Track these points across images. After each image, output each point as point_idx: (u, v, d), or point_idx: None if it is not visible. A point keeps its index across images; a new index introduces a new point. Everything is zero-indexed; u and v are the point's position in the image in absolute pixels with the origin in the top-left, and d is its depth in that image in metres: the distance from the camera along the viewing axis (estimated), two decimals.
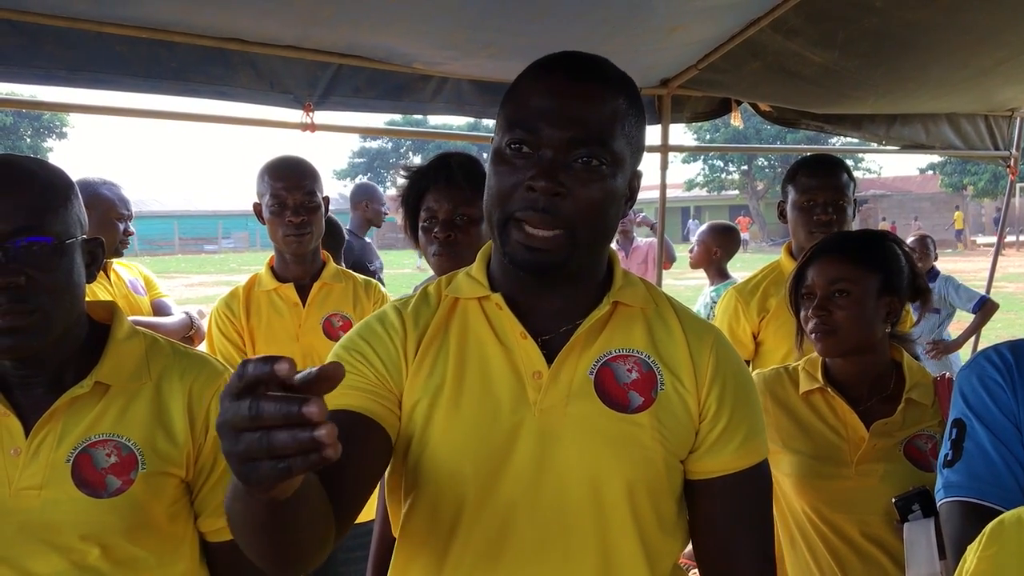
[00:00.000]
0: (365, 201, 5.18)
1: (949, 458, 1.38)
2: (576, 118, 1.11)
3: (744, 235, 37.32)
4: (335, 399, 1.17)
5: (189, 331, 3.07)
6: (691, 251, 5.04)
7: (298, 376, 0.72)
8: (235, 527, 0.97)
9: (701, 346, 1.22)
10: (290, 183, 2.47)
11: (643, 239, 6.28)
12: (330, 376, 0.73)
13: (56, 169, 1.34)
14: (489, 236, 1.21)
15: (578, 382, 1.18)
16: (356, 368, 1.20)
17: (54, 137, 38.43)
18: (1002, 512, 1.23)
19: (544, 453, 1.15)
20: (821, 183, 2.53)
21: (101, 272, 2.99)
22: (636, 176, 1.22)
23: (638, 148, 1.20)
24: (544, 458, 1.15)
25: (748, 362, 2.75)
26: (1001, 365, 1.39)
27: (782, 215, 2.66)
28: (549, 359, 1.18)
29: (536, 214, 1.11)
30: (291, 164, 2.53)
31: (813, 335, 1.85)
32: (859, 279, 1.82)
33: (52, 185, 1.29)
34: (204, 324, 2.91)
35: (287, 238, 2.48)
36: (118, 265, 3.14)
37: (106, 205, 2.96)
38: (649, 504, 1.17)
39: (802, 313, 1.89)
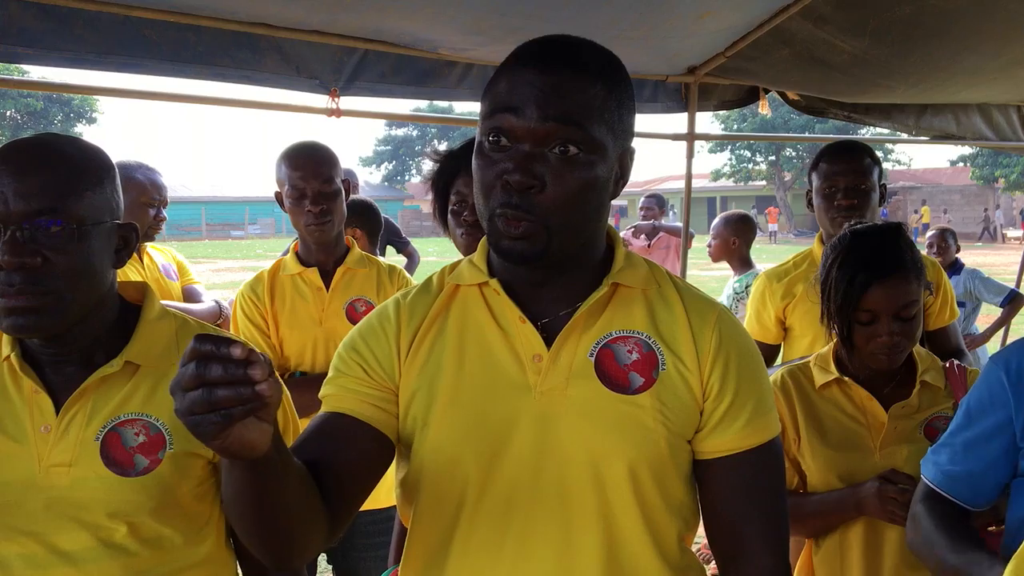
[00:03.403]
0: None
1: (942, 440, 1.52)
2: (551, 109, 1.10)
3: (772, 226, 36.96)
4: (330, 403, 1.20)
5: (218, 319, 3.06)
6: (709, 245, 4.96)
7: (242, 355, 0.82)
8: (226, 508, 1.04)
9: (703, 324, 1.21)
10: (307, 172, 2.47)
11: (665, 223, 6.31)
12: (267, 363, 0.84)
13: (94, 150, 1.33)
14: None
15: (578, 364, 1.17)
16: (352, 370, 1.22)
17: (84, 122, 38.74)
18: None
19: (545, 436, 1.15)
20: (842, 168, 2.51)
21: (134, 255, 3.03)
22: (626, 153, 1.20)
23: (624, 131, 1.18)
24: (545, 441, 1.15)
25: (775, 347, 2.73)
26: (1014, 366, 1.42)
27: (809, 204, 2.64)
28: (549, 343, 1.18)
29: (511, 210, 1.11)
30: (307, 152, 2.51)
31: (880, 355, 1.80)
32: (919, 294, 1.81)
33: (83, 167, 1.29)
34: None
35: (309, 227, 2.49)
36: (152, 249, 3.17)
37: (138, 189, 2.97)
38: (653, 484, 1.16)
39: (859, 332, 1.81)
